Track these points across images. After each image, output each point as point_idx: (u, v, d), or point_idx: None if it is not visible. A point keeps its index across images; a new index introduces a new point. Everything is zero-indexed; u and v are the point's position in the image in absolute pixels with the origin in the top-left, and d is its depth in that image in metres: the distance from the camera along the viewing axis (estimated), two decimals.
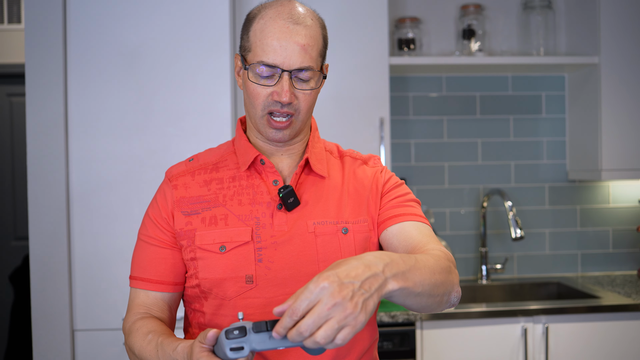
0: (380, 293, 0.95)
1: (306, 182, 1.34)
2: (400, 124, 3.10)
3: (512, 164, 3.16)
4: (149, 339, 1.22)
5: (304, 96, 1.26)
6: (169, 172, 1.39)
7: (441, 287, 1.10)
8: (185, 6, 2.40)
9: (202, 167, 1.37)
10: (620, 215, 3.19)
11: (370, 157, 1.44)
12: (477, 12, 3.00)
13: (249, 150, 1.34)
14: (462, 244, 3.12)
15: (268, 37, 1.23)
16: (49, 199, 2.35)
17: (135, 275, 1.35)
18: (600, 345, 2.50)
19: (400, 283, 0.98)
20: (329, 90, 2.61)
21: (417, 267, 1.04)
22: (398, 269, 0.99)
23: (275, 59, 1.22)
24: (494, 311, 2.47)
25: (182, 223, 1.31)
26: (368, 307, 0.92)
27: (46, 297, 2.35)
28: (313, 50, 1.25)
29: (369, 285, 0.93)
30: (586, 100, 2.97)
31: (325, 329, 0.89)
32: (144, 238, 1.36)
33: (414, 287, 1.01)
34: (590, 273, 3.19)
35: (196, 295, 1.31)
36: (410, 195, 1.38)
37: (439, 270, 1.10)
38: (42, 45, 2.35)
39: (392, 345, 2.40)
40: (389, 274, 0.97)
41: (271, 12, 1.25)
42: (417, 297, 1.04)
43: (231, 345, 0.97)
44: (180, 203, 1.33)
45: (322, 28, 1.30)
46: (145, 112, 2.39)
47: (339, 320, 0.89)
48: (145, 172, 2.37)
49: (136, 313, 1.32)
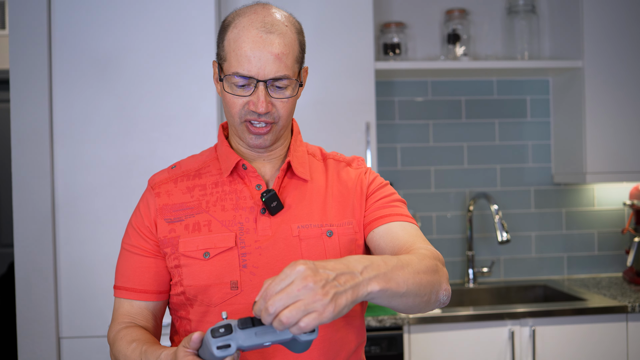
0: (356, 293, 0.94)
1: (289, 186, 1.34)
2: (386, 128, 3.11)
3: (497, 168, 3.18)
4: (132, 347, 1.22)
5: (282, 104, 1.25)
6: (151, 180, 1.38)
7: (427, 287, 1.09)
8: (170, 11, 2.40)
9: (185, 174, 1.37)
10: (605, 218, 3.22)
11: (354, 159, 1.43)
12: (461, 16, 3.02)
13: (230, 156, 1.33)
14: (449, 247, 3.13)
15: (241, 48, 1.21)
16: (34, 205, 2.33)
17: (119, 284, 1.34)
18: (587, 347, 2.51)
19: (382, 284, 0.98)
20: (315, 95, 2.62)
21: (400, 267, 1.03)
22: (379, 270, 0.99)
23: (250, 70, 1.21)
24: (481, 314, 2.47)
25: (165, 231, 1.31)
26: (339, 301, 0.91)
27: (32, 305, 2.33)
28: (288, 59, 1.23)
29: (344, 280, 0.93)
30: (570, 103, 3.00)
31: (291, 309, 0.88)
32: (127, 247, 1.35)
33: (397, 287, 1.01)
34: (576, 275, 3.21)
35: (182, 303, 1.31)
36: (395, 196, 1.37)
37: (424, 270, 1.09)
38: (27, 51, 2.34)
39: (379, 349, 2.40)
40: (368, 276, 0.97)
41: (244, 20, 1.23)
42: (403, 298, 1.04)
43: (218, 344, 0.96)
44: (163, 210, 1.32)
45: (298, 33, 1.28)
46: (130, 118, 2.38)
47: (306, 304, 0.89)
48: (131, 177, 2.36)
49: (121, 322, 1.32)
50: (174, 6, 2.40)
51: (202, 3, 2.40)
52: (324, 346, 1.27)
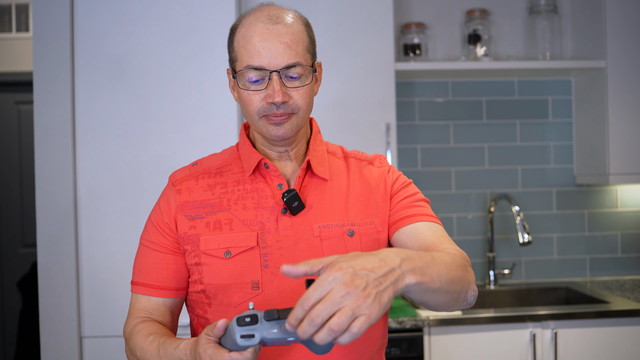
0: (396, 287, 0.94)
1: (310, 185, 1.33)
2: (407, 129, 3.10)
3: (519, 169, 3.16)
4: (150, 340, 1.22)
5: (298, 93, 1.25)
6: (172, 177, 1.38)
7: (458, 284, 1.10)
8: (190, 13, 2.41)
9: (206, 171, 1.37)
10: (628, 220, 3.18)
11: (376, 157, 1.43)
12: (482, 17, 3.00)
13: (252, 155, 1.33)
14: (470, 249, 3.11)
15: (250, 42, 1.23)
16: (57, 205, 2.36)
17: (137, 280, 1.35)
18: (610, 351, 2.48)
19: (418, 277, 0.97)
20: (335, 96, 2.62)
21: (434, 263, 1.03)
22: (415, 264, 0.98)
23: (260, 61, 1.22)
24: (502, 317, 2.45)
25: (185, 227, 1.31)
26: (382, 299, 0.90)
27: (54, 304, 2.35)
28: (298, 46, 1.24)
29: (384, 278, 0.92)
30: (593, 104, 2.97)
31: (339, 316, 0.86)
32: (146, 243, 1.35)
33: (431, 282, 1.00)
34: (599, 278, 3.17)
35: (200, 301, 1.31)
36: (419, 195, 1.38)
37: (455, 267, 1.10)
38: (50, 53, 2.37)
39: (399, 351, 2.40)
40: (406, 269, 0.96)
41: (250, 18, 1.26)
42: (435, 294, 1.04)
43: (242, 333, 0.95)
44: (183, 207, 1.32)
45: (305, 26, 1.29)
46: (151, 119, 2.39)
47: (352, 308, 0.87)
48: (153, 178, 2.37)
49: (137, 317, 1.32)
50: (195, 8, 2.41)
51: (223, 4, 2.41)
52: (345, 347, 1.27)
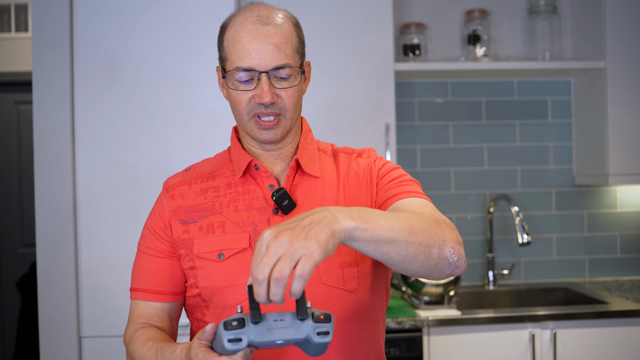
0: (332, 227, 0.93)
1: (301, 184, 1.33)
2: (406, 129, 3.10)
3: (518, 169, 3.16)
4: (148, 346, 1.22)
5: (287, 94, 1.26)
6: (166, 183, 1.40)
7: (421, 235, 1.04)
8: (190, 15, 2.41)
9: (199, 176, 1.38)
10: (627, 220, 3.18)
11: (365, 150, 1.42)
12: (482, 17, 3.00)
13: (242, 157, 1.34)
14: (469, 249, 3.12)
15: (240, 43, 1.23)
16: (56, 206, 2.36)
17: (135, 286, 1.35)
18: (609, 351, 2.48)
19: (357, 221, 0.96)
20: (334, 96, 2.61)
21: (382, 214, 1.01)
22: (351, 210, 0.97)
23: (250, 62, 1.23)
24: (501, 317, 2.46)
25: (179, 232, 1.32)
26: (319, 236, 0.90)
27: (53, 304, 2.35)
28: (287, 47, 1.24)
29: (312, 220, 0.93)
30: (592, 104, 2.97)
31: (278, 264, 0.87)
32: (142, 249, 1.36)
33: (379, 229, 0.98)
34: (598, 278, 3.17)
35: (197, 305, 1.31)
36: (407, 176, 1.34)
37: (418, 220, 1.06)
38: (49, 53, 2.37)
39: (399, 351, 2.40)
40: (337, 212, 0.96)
41: (240, 18, 1.26)
42: (393, 245, 1.00)
43: (229, 337, 0.94)
44: (177, 212, 1.33)
45: (294, 26, 1.29)
46: (150, 120, 2.39)
47: (290, 254, 0.88)
48: (152, 179, 2.37)
49: (136, 323, 1.32)
50: (194, 9, 2.41)
51: (222, 6, 2.41)
52: (342, 348, 1.26)
